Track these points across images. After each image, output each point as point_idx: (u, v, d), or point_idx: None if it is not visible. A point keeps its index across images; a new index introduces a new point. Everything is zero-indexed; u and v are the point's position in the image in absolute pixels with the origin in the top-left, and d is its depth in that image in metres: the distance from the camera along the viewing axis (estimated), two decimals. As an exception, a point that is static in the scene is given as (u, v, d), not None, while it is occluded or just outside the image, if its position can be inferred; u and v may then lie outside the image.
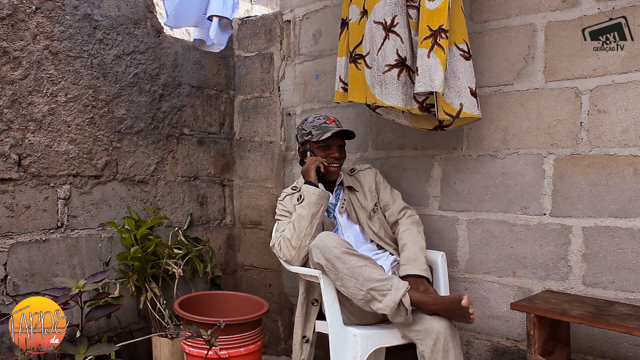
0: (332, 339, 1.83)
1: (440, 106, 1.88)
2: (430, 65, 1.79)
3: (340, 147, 2.12)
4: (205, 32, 2.56)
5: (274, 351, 2.90)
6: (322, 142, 2.08)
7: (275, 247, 2.00)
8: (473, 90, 1.92)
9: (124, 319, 2.52)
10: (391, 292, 1.70)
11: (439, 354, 1.67)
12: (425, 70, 1.80)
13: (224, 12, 2.37)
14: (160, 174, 2.72)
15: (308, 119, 2.15)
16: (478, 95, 1.96)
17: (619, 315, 1.63)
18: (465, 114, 1.90)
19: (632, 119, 1.86)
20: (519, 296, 2.09)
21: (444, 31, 1.79)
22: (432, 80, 1.79)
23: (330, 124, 2.10)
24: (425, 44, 1.81)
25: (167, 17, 2.38)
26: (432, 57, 1.80)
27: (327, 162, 2.07)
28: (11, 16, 2.10)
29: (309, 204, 1.95)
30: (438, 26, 1.79)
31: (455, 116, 1.90)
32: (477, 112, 1.94)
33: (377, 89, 1.95)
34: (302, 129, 2.14)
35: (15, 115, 2.12)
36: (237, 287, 3.11)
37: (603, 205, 1.92)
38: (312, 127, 2.10)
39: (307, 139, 2.11)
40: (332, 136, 2.07)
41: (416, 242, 1.98)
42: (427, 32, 1.81)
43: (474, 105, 1.93)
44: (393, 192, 2.17)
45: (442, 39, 1.79)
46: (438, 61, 1.79)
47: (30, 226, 2.18)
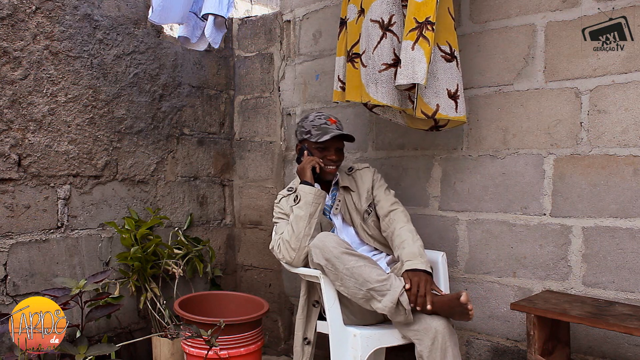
0: (332, 339, 1.83)
1: (419, 105, 1.89)
2: (414, 57, 1.77)
3: (338, 149, 2.08)
4: (190, 29, 2.54)
5: (274, 351, 2.90)
6: (320, 144, 2.04)
7: (275, 250, 2.00)
8: (451, 92, 1.92)
9: (124, 319, 2.52)
10: (390, 292, 1.70)
11: (437, 354, 1.66)
12: (409, 62, 1.78)
13: (219, 10, 2.36)
14: (160, 174, 2.72)
15: (309, 117, 2.11)
16: (460, 98, 1.95)
17: (619, 315, 1.63)
18: (440, 115, 1.91)
19: (632, 119, 1.86)
20: (519, 296, 2.09)
21: (430, 23, 1.77)
22: (414, 72, 1.77)
23: (331, 125, 2.06)
24: (410, 36, 1.79)
25: (152, 12, 2.34)
26: (417, 49, 1.77)
27: (324, 163, 2.04)
28: (11, 16, 2.10)
29: (305, 204, 1.94)
30: (425, 18, 1.78)
31: (431, 116, 1.90)
32: (454, 114, 1.93)
33: (372, 87, 1.94)
34: (302, 127, 2.10)
35: (15, 115, 2.12)
36: (237, 287, 3.10)
37: (603, 206, 1.92)
38: (312, 127, 2.06)
39: (306, 137, 2.07)
40: (331, 139, 2.04)
41: (417, 240, 1.93)
42: (413, 24, 1.79)
43: (451, 107, 1.92)
44: (388, 190, 2.14)
45: (428, 31, 1.77)
46: (422, 53, 1.77)
47: (30, 226, 2.18)
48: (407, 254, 1.86)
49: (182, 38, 2.59)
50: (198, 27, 2.56)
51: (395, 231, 1.98)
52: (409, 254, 1.86)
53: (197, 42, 2.60)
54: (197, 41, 2.59)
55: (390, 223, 2.02)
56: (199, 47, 2.62)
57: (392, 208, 2.05)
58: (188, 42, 2.60)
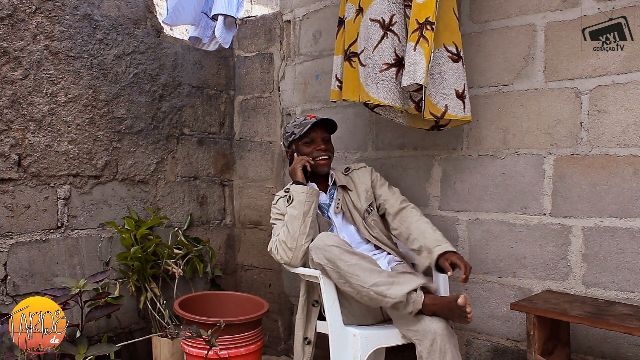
0: (332, 339, 1.83)
1: (427, 106, 1.89)
2: (415, 58, 1.78)
3: (324, 140, 2.13)
4: (201, 30, 2.55)
5: (274, 351, 2.90)
6: (305, 137, 2.10)
7: (273, 251, 2.00)
8: (459, 92, 1.93)
9: (124, 319, 2.52)
10: (400, 285, 1.72)
11: (435, 355, 1.67)
12: (411, 63, 1.79)
13: (229, 10, 2.37)
14: (160, 174, 2.72)
15: (290, 122, 2.19)
16: (467, 97, 1.96)
17: (619, 315, 1.63)
18: (449, 116, 1.91)
19: (632, 119, 1.86)
20: (519, 296, 2.09)
21: (430, 23, 1.77)
22: (415, 73, 1.78)
23: (310, 119, 2.11)
24: (412, 37, 1.81)
25: (167, 14, 2.37)
26: (417, 50, 1.78)
27: (314, 155, 2.08)
28: (11, 16, 2.10)
29: (299, 203, 1.96)
30: (425, 18, 1.78)
31: (440, 117, 1.90)
32: (463, 114, 1.94)
33: (372, 87, 1.94)
34: (286, 132, 2.17)
35: (15, 115, 2.12)
36: (237, 287, 3.10)
37: (603, 206, 1.92)
38: (293, 127, 2.13)
39: (292, 139, 2.13)
40: (315, 129, 2.09)
41: (436, 229, 1.97)
42: (414, 25, 1.80)
43: (460, 107, 1.93)
44: (391, 187, 2.16)
45: (427, 31, 1.77)
46: (422, 53, 1.77)
47: (30, 226, 2.18)
48: (432, 241, 1.90)
49: (193, 39, 2.59)
50: (209, 28, 2.56)
51: (413, 225, 1.99)
52: (434, 241, 1.90)
53: (208, 42, 2.61)
54: (208, 41, 2.60)
55: (404, 219, 2.04)
56: (210, 47, 2.62)
57: (402, 206, 2.07)
58: (199, 42, 2.61)
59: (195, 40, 2.61)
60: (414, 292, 1.71)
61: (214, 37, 2.53)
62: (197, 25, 2.54)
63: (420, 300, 1.70)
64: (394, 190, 2.14)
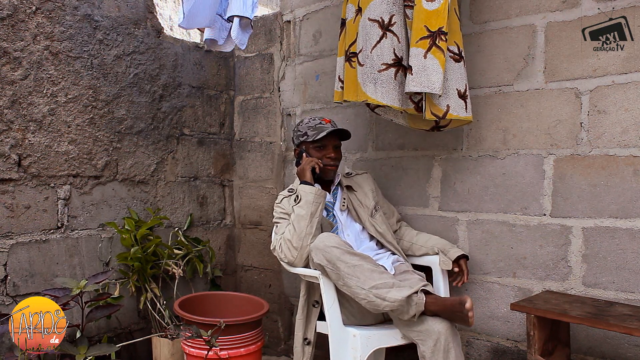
0: (332, 339, 1.83)
1: (428, 106, 1.89)
2: (428, 66, 1.79)
3: (335, 147, 2.13)
4: (217, 32, 2.55)
5: (274, 351, 2.90)
6: (317, 142, 2.09)
7: (277, 250, 2.00)
8: (461, 92, 1.92)
9: (124, 320, 2.52)
10: (400, 288, 1.71)
11: (439, 355, 1.67)
12: (421, 70, 1.80)
13: (244, 12, 2.38)
14: (161, 175, 2.72)
15: (304, 120, 2.17)
16: (469, 98, 1.96)
17: (619, 315, 1.63)
18: (451, 116, 1.91)
19: (632, 119, 1.86)
20: (519, 296, 2.09)
21: (443, 33, 1.79)
22: (431, 82, 1.79)
23: (326, 124, 2.11)
24: (421, 44, 1.81)
25: (182, 18, 2.37)
26: (430, 58, 1.79)
27: (324, 162, 2.09)
28: (11, 16, 2.10)
29: (306, 203, 1.95)
30: (437, 28, 1.79)
31: (442, 117, 1.90)
32: (465, 114, 1.94)
33: (370, 86, 1.94)
34: (298, 131, 2.16)
35: (16, 115, 2.12)
36: (237, 287, 3.10)
37: (603, 206, 1.92)
38: (307, 128, 2.12)
39: (303, 139, 2.12)
40: (328, 136, 2.08)
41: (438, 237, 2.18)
42: (424, 32, 1.81)
43: (462, 107, 1.93)
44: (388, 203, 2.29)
45: (441, 41, 1.79)
46: (437, 63, 1.79)
47: (30, 226, 2.18)
48: (443, 244, 2.11)
49: (208, 41, 2.59)
50: (224, 29, 2.56)
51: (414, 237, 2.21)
52: (445, 244, 2.11)
53: (224, 43, 2.60)
54: (224, 43, 2.60)
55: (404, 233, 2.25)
56: (226, 48, 2.62)
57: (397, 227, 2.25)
58: (215, 44, 2.61)
59: (211, 42, 2.61)
60: (415, 294, 1.70)
61: (229, 39, 2.54)
62: (212, 27, 2.54)
63: (422, 302, 1.70)
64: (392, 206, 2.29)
